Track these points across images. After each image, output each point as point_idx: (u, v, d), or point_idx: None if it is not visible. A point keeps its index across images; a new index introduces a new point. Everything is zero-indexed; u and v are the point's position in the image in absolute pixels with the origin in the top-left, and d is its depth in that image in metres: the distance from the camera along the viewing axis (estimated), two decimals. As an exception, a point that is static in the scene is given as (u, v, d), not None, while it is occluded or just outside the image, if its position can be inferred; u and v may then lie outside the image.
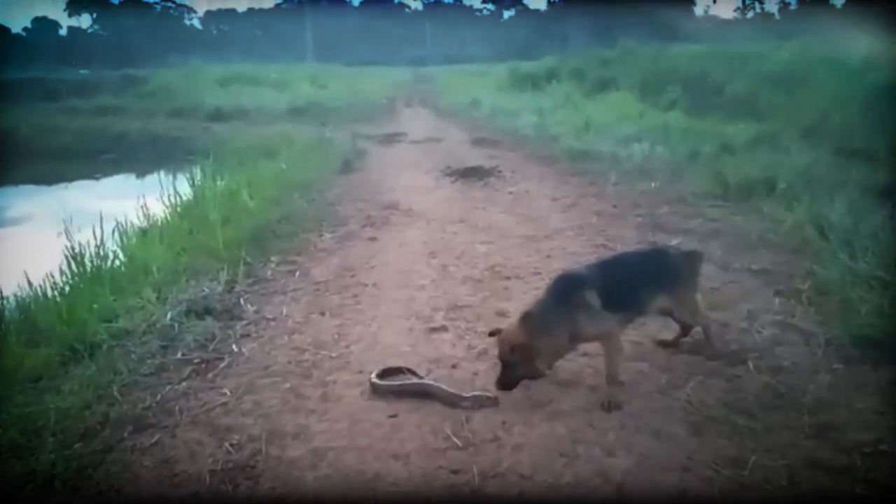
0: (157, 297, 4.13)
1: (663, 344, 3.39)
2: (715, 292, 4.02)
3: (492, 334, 3.04)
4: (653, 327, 3.59)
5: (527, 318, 2.86)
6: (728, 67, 12.61)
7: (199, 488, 2.38)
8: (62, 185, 12.10)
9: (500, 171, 8.28)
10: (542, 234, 5.46)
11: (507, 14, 75.00)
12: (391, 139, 12.12)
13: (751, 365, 3.11)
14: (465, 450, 2.56)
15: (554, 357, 2.92)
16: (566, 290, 2.92)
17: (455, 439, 2.62)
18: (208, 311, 3.96)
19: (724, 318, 3.64)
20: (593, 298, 2.89)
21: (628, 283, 3.04)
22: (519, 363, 2.82)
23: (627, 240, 5.16)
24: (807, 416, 2.67)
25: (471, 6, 77.61)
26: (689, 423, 2.68)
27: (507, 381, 2.86)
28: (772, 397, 2.84)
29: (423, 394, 2.96)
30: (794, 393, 2.86)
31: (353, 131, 12.36)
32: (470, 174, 8.16)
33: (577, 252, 4.93)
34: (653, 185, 6.93)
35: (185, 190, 7.24)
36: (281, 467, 2.49)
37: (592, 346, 3.28)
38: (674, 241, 5.00)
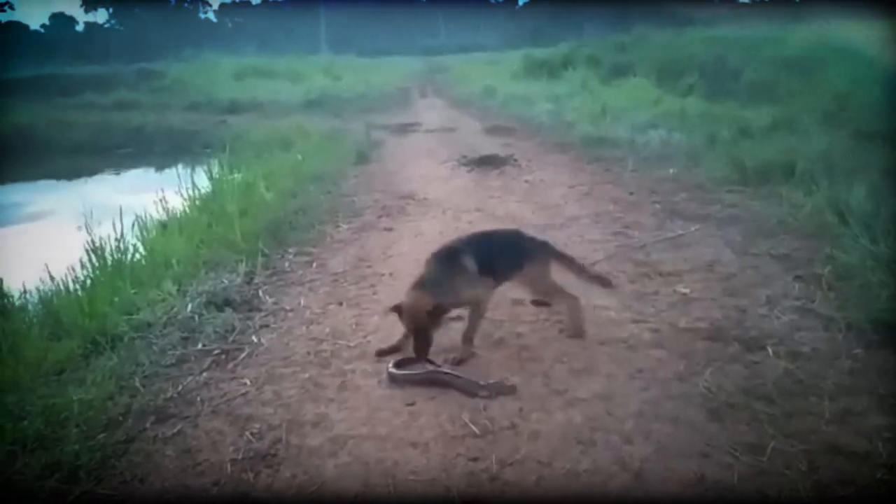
0: (178, 290, 4.17)
1: (535, 303, 3.73)
2: (733, 277, 4.00)
3: (394, 309, 3.22)
4: (671, 314, 3.58)
5: (423, 284, 3.18)
6: (745, 52, 12.47)
7: (221, 477, 2.41)
8: (81, 180, 12.22)
9: (515, 160, 8.25)
10: (558, 223, 5.45)
11: (521, 1, 74.61)
12: (406, 129, 12.12)
13: (770, 351, 3.09)
14: (483, 437, 2.57)
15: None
16: (449, 258, 3.29)
17: (473, 427, 2.63)
18: (228, 303, 3.99)
19: (743, 304, 3.63)
20: (470, 264, 3.26)
21: (493, 256, 3.37)
22: (428, 326, 3.09)
23: (645, 227, 5.14)
24: (827, 402, 2.65)
25: (485, -6, 77.14)
26: (708, 409, 2.68)
27: (424, 347, 3.09)
28: (791, 383, 2.82)
29: (441, 383, 2.97)
30: (814, 378, 2.84)
31: (367, 122, 12.37)
32: (485, 163, 8.13)
33: (595, 240, 4.91)
34: (670, 171, 6.89)
35: (203, 183, 7.29)
36: (301, 455, 2.52)
37: (615, 334, 3.30)
38: (692, 228, 4.97)
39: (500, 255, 3.42)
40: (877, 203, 4.64)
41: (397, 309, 3.20)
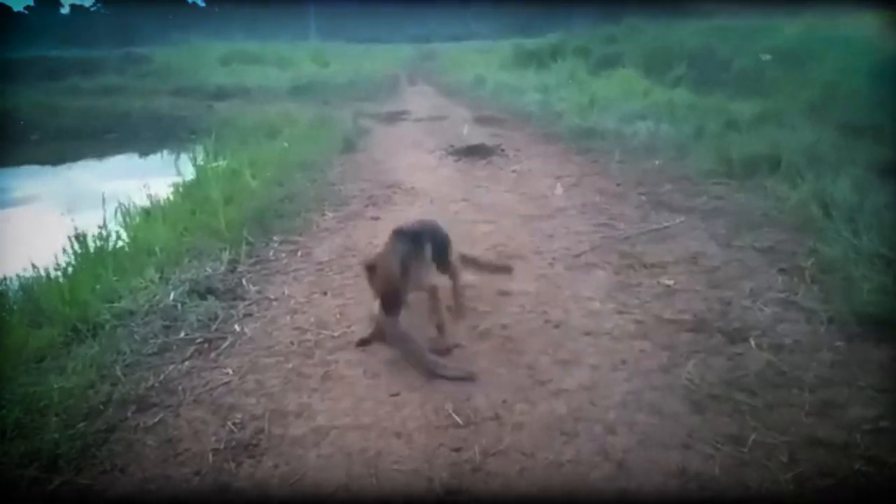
0: (160, 278, 4.14)
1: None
2: (717, 270, 4.02)
3: (368, 268, 3.28)
4: (655, 305, 3.59)
5: (396, 253, 3.15)
6: (734, 43, 12.47)
7: (203, 467, 2.40)
8: (65, 166, 12.09)
9: (503, 150, 8.23)
10: (544, 213, 5.44)
11: (511, -10, 74.15)
12: (394, 118, 12.06)
13: (752, 342, 3.11)
14: (467, 428, 2.58)
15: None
16: (414, 242, 3.26)
17: (456, 418, 2.63)
18: (211, 291, 3.97)
19: (727, 296, 3.64)
20: (428, 252, 3.33)
21: (437, 246, 3.43)
22: (401, 288, 3.08)
23: (630, 218, 5.14)
24: (808, 394, 2.67)
25: (474, -18, 76.64)
26: (691, 400, 2.69)
27: (396, 305, 3.06)
28: (773, 375, 2.84)
29: (409, 353, 3.04)
30: (796, 370, 2.86)
31: (355, 110, 12.31)
32: (473, 153, 8.11)
33: (580, 231, 4.91)
34: (657, 162, 6.89)
35: (188, 170, 7.23)
36: (284, 445, 2.51)
37: (599, 325, 3.31)
38: (678, 220, 4.98)
39: (440, 246, 3.47)
40: (861, 197, 4.66)
41: (370, 268, 3.23)
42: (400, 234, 3.28)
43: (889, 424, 2.45)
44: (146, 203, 6.08)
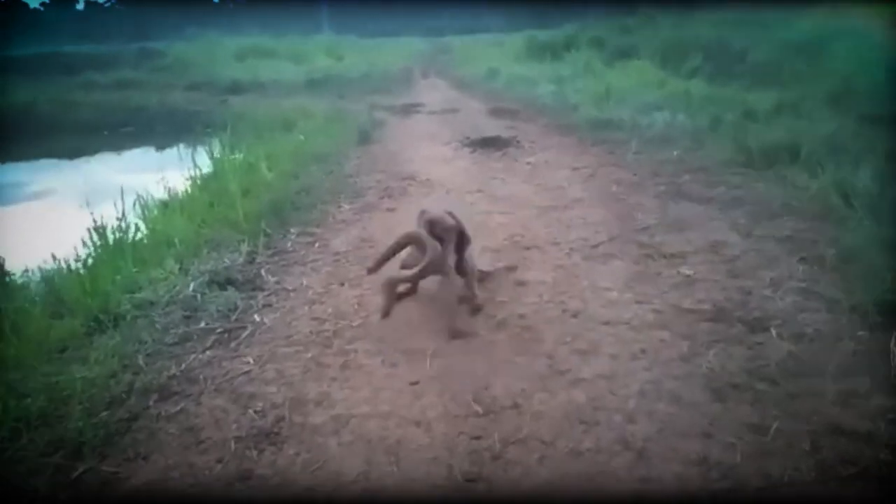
0: (180, 269, 4.17)
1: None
2: (737, 259, 3.99)
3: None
4: (675, 295, 3.58)
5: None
6: (750, 34, 12.35)
7: (225, 454, 2.42)
8: (83, 159, 12.20)
9: (518, 141, 8.20)
10: (561, 204, 5.43)
11: (525, -18, 73.83)
12: (408, 110, 12.05)
13: (773, 332, 3.09)
14: (486, 417, 2.58)
15: None
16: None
17: (476, 406, 2.64)
18: (230, 282, 3.99)
19: (747, 286, 3.62)
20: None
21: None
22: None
23: (648, 209, 5.12)
24: (830, 383, 2.65)
25: (488, -26, 76.33)
26: (711, 389, 2.68)
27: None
28: (794, 364, 2.82)
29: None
30: (817, 360, 2.83)
31: (370, 103, 12.32)
32: (488, 144, 8.09)
33: (597, 222, 4.90)
34: (674, 153, 6.84)
35: (205, 163, 7.27)
36: (304, 433, 2.52)
37: (618, 315, 3.31)
38: (697, 210, 4.95)
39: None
40: (882, 186, 4.62)
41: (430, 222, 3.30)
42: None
43: (913, 413, 2.42)
44: (164, 196, 6.13)
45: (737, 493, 2.10)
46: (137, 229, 5.09)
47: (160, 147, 12.41)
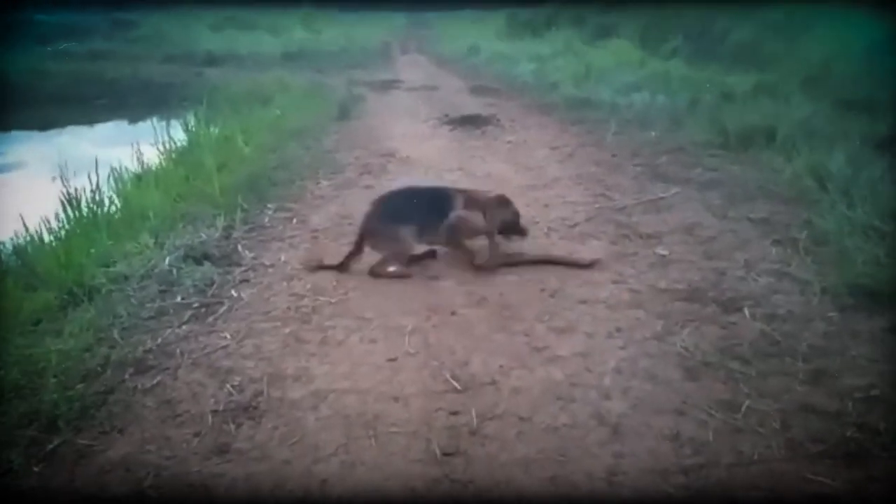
0: (155, 243, 4.12)
1: None
2: (712, 240, 4.04)
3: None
4: (650, 275, 3.62)
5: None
6: (731, 15, 12.38)
7: (202, 428, 2.41)
8: (54, 131, 11.94)
9: (498, 120, 8.18)
10: (540, 184, 5.44)
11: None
12: (388, 86, 11.94)
13: (746, 312, 3.14)
14: (464, 392, 2.60)
15: None
16: None
17: (454, 382, 2.66)
18: (206, 257, 3.96)
19: (721, 267, 3.67)
20: None
21: None
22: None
23: (626, 189, 5.15)
24: (801, 363, 2.71)
25: (469, -50, 75.51)
26: (685, 368, 2.72)
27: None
28: (767, 344, 2.87)
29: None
30: (789, 340, 2.89)
31: (348, 77, 12.19)
32: (468, 122, 8.06)
33: (576, 201, 4.92)
34: (652, 134, 6.88)
35: (180, 136, 7.16)
36: (283, 408, 2.53)
37: (595, 294, 3.34)
38: (673, 191, 4.99)
39: None
40: (855, 170, 4.69)
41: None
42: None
43: (880, 393, 2.48)
44: (138, 169, 6.03)
45: (709, 468, 2.14)
46: (112, 202, 5.02)
47: (134, 120, 12.18)
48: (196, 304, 3.42)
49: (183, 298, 3.47)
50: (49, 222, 4.45)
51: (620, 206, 4.74)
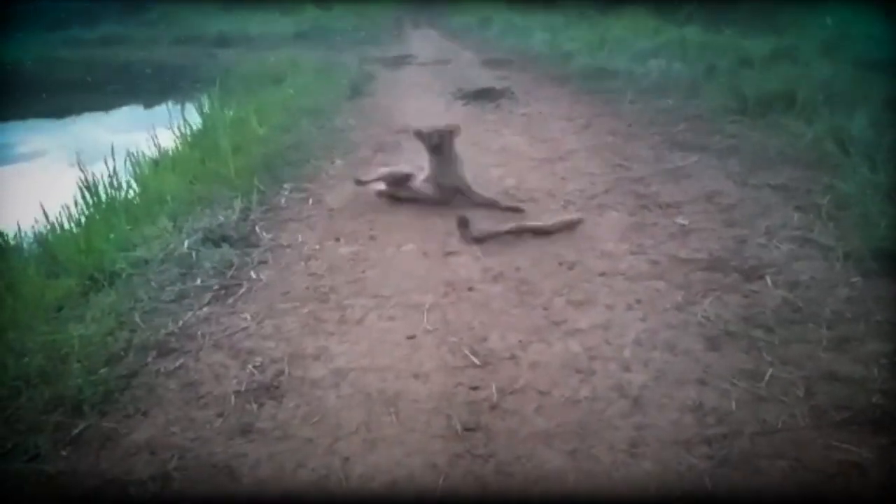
0: (173, 226, 4.14)
1: None
2: (733, 208, 3.99)
3: None
4: (670, 245, 3.58)
5: None
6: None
7: (225, 409, 2.43)
8: (70, 119, 12.02)
9: (512, 93, 8.11)
10: (556, 156, 5.39)
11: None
12: (400, 62, 11.87)
13: (769, 280, 3.10)
14: (484, 368, 2.60)
15: None
16: None
17: (473, 358, 2.65)
18: (224, 239, 3.97)
19: (742, 235, 3.62)
20: None
21: None
22: None
23: (644, 158, 5.09)
24: (824, 329, 2.67)
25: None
26: (706, 338, 2.70)
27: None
28: (789, 311, 2.84)
29: None
30: (812, 306, 2.85)
31: (360, 54, 12.12)
32: (481, 96, 8.00)
33: (593, 173, 4.87)
34: (669, 102, 6.79)
35: (194, 119, 7.17)
36: (304, 387, 2.54)
37: (614, 266, 3.32)
38: (692, 159, 4.93)
39: None
40: (877, 132, 4.59)
41: None
42: None
43: (906, 358, 2.45)
44: (154, 154, 6.06)
45: (732, 438, 2.13)
46: (129, 187, 5.05)
47: (148, 104, 12.23)
48: (216, 287, 3.43)
49: (203, 281, 3.49)
50: (69, 209, 4.49)
51: (638, 177, 4.69)
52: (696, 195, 4.25)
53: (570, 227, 3.88)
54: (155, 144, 6.20)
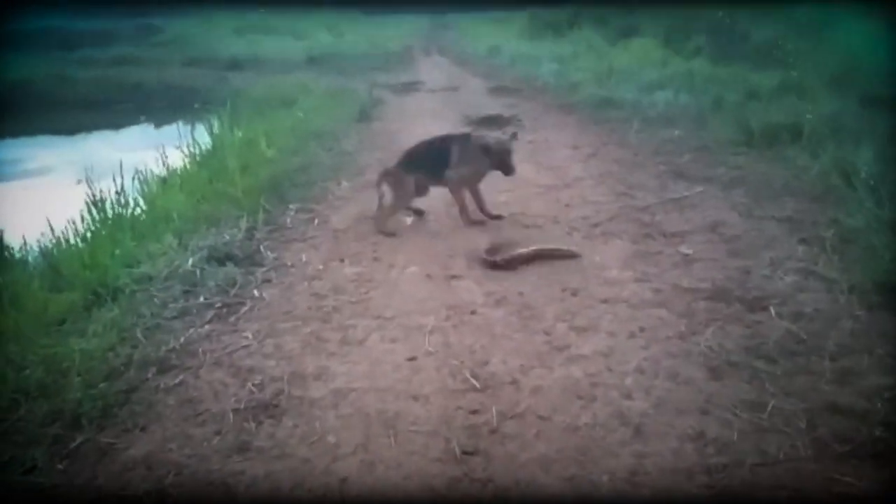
0: (178, 244, 4.16)
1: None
2: (737, 239, 3.99)
3: None
4: (674, 274, 3.58)
5: None
6: (754, 13, 12.23)
7: (223, 426, 2.43)
8: (81, 136, 12.13)
9: (519, 120, 8.15)
10: (561, 183, 5.41)
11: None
12: (409, 88, 11.95)
13: (772, 311, 3.09)
14: (484, 392, 2.59)
15: None
16: None
17: (474, 381, 2.65)
18: (229, 258, 3.98)
19: (747, 265, 3.62)
20: None
21: None
22: None
23: (649, 188, 5.10)
24: (827, 362, 2.66)
25: (490, -48, 75.42)
26: (708, 367, 2.68)
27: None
28: (793, 343, 2.82)
29: None
30: (816, 338, 2.84)
31: (370, 80, 12.22)
32: (489, 123, 8.03)
33: (598, 201, 4.88)
34: (675, 132, 6.81)
35: (204, 139, 7.23)
36: (303, 407, 2.53)
37: (617, 293, 3.31)
38: (697, 189, 4.94)
39: None
40: (883, 167, 4.59)
41: None
42: None
43: (908, 392, 2.43)
44: (163, 172, 6.10)
45: (733, 468, 2.11)
46: (136, 205, 5.07)
47: (159, 124, 12.32)
48: (218, 304, 3.44)
49: (206, 298, 3.50)
50: (75, 224, 4.51)
51: (643, 205, 4.70)
52: (701, 225, 4.25)
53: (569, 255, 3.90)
54: (163, 163, 6.24)
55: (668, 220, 4.39)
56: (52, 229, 4.33)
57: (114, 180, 5.02)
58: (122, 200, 4.88)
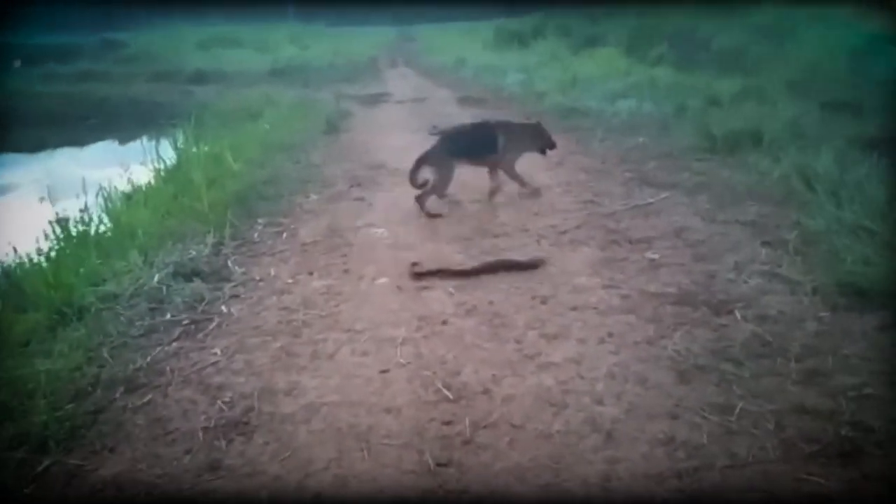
0: (144, 261, 4.10)
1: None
2: (702, 244, 4.05)
3: None
4: (641, 279, 3.62)
5: None
6: (715, 21, 12.47)
7: (193, 445, 2.40)
8: (45, 153, 11.91)
9: (486, 130, 8.17)
10: (528, 191, 5.43)
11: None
12: (376, 99, 11.96)
13: (738, 314, 3.14)
14: (457, 402, 2.59)
15: None
16: None
17: (446, 392, 2.65)
18: (196, 274, 3.94)
19: (712, 270, 3.67)
20: None
21: None
22: None
23: (615, 195, 5.16)
24: (793, 363, 2.70)
25: (455, -37, 75.84)
26: (677, 371, 2.72)
27: None
28: (759, 345, 2.87)
29: None
30: (781, 340, 2.89)
31: (336, 92, 12.20)
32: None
33: (566, 209, 4.93)
34: (640, 140, 6.90)
35: (169, 154, 7.15)
36: (274, 423, 2.51)
37: (585, 300, 3.34)
38: (662, 196, 5.00)
39: None
40: (842, 170, 4.71)
41: None
42: None
43: (873, 391, 2.48)
44: (127, 188, 6.02)
45: (703, 472, 2.13)
46: (101, 222, 5.00)
47: (123, 140, 12.16)
48: (186, 321, 3.40)
49: (173, 316, 3.46)
50: (38, 243, 4.43)
51: (609, 212, 4.75)
52: (666, 231, 4.31)
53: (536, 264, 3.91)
54: (128, 180, 6.16)
55: (634, 227, 4.44)
56: (14, 249, 4.25)
57: (77, 197, 4.94)
58: (87, 218, 4.80)
